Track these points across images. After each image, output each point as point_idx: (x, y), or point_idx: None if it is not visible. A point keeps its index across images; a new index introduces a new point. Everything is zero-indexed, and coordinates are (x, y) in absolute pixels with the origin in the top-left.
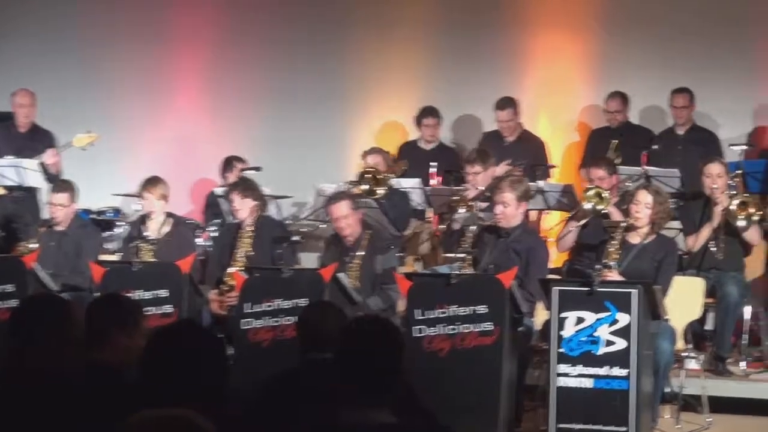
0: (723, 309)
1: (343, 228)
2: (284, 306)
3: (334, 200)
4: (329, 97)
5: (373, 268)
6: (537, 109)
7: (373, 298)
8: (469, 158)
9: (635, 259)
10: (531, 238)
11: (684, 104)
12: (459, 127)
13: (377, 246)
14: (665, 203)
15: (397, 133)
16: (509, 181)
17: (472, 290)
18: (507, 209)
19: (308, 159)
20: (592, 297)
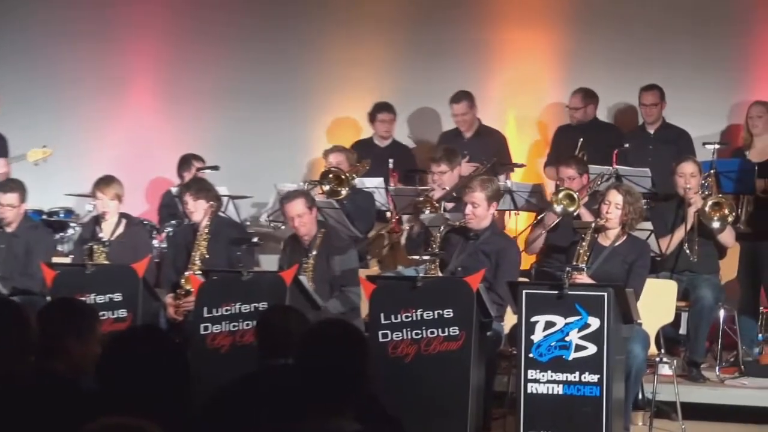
0: (697, 312)
1: (299, 227)
2: (243, 310)
3: (288, 199)
4: (290, 95)
5: (330, 269)
6: (505, 108)
7: (333, 301)
8: (435, 157)
9: (606, 261)
10: (501, 240)
11: (653, 101)
12: (422, 124)
13: (334, 246)
14: (636, 203)
15: (355, 130)
16: (480, 181)
17: (438, 293)
18: (477, 209)
19: (268, 158)
20: (562, 300)
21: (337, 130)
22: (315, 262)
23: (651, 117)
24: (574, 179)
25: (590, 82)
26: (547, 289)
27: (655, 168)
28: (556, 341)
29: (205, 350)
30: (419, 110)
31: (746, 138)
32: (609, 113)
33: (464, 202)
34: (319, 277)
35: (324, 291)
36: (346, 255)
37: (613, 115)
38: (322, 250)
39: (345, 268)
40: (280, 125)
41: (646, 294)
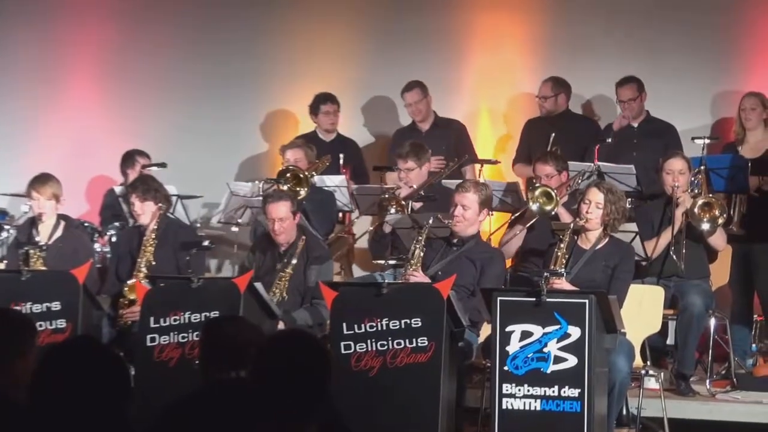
0: (685, 321)
1: (279, 232)
2: (193, 320)
3: (273, 199)
4: (245, 86)
5: (306, 280)
6: (476, 100)
7: (301, 312)
8: (402, 153)
9: (586, 265)
10: (488, 249)
11: (631, 96)
12: (385, 117)
13: (312, 255)
14: (619, 202)
15: (290, 125)
16: (474, 183)
17: (406, 301)
18: (467, 212)
19: (220, 154)
20: (539, 308)
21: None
22: (293, 272)
23: (631, 112)
24: (552, 177)
25: (567, 72)
26: (524, 296)
27: (640, 164)
28: (534, 353)
29: (151, 364)
30: (377, 103)
31: (738, 132)
32: (589, 106)
33: (453, 202)
34: (293, 288)
35: (295, 302)
36: (324, 266)
37: (592, 108)
38: (301, 260)
39: (321, 280)
40: (235, 118)
41: (631, 301)
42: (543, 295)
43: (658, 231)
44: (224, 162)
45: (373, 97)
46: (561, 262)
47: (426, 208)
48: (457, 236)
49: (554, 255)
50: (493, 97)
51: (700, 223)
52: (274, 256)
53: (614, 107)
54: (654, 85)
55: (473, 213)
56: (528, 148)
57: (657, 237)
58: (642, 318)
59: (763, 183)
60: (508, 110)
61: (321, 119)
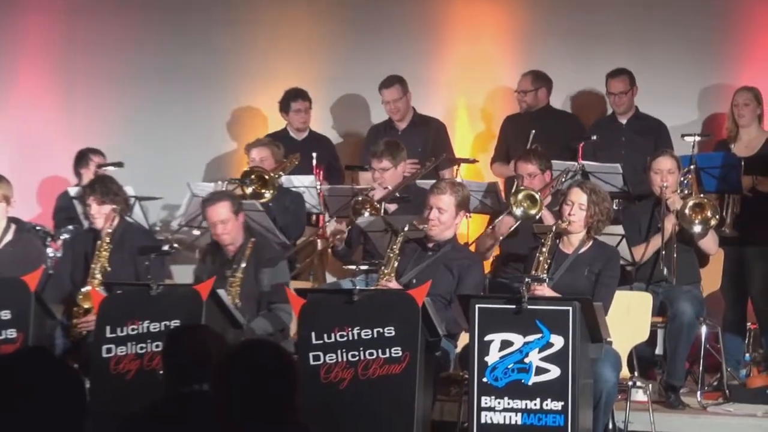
0: (675, 329)
1: (222, 235)
2: (152, 329)
3: (211, 201)
4: (208, 81)
5: (259, 284)
6: (453, 95)
7: (259, 320)
8: (377, 152)
9: (569, 270)
10: (465, 256)
11: (623, 89)
12: (358, 114)
13: (263, 258)
14: (603, 203)
15: (257, 122)
16: (450, 183)
17: (378, 309)
18: (443, 216)
19: (181, 153)
20: (520, 316)
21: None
22: (244, 276)
23: (621, 106)
24: (535, 176)
25: (548, 65)
26: (503, 303)
27: (628, 163)
28: (514, 363)
29: (107, 376)
30: (347, 99)
31: (731, 129)
32: (572, 103)
33: (428, 204)
34: (246, 293)
35: (251, 309)
36: (276, 267)
37: (577, 104)
38: (252, 262)
39: (274, 283)
40: (197, 115)
41: (617, 308)
42: (524, 302)
43: (645, 234)
44: (186, 161)
45: (344, 93)
46: (543, 267)
47: (401, 210)
48: (433, 240)
49: (536, 260)
50: (471, 92)
51: (690, 226)
52: (222, 262)
53: (601, 102)
54: (641, 78)
55: (449, 216)
56: (507, 146)
57: (646, 242)
58: (629, 326)
59: (757, 183)
60: (487, 105)
61: (292, 117)
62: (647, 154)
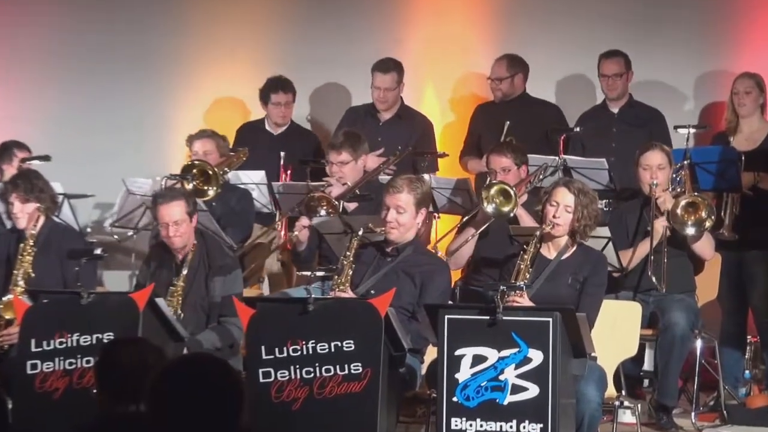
0: (667, 343)
1: (173, 237)
2: (83, 342)
3: (165, 199)
4: (145, 64)
5: (208, 294)
6: (421, 78)
7: (208, 333)
8: (335, 143)
9: (551, 278)
10: (428, 261)
11: (617, 71)
12: (321, 101)
13: (215, 264)
14: (591, 205)
15: (236, 111)
16: (407, 180)
17: (336, 320)
18: (402, 216)
19: (115, 146)
20: (494, 328)
21: (217, 111)
22: (188, 284)
23: (614, 91)
24: (510, 171)
25: (526, 49)
26: (476, 314)
27: (619, 157)
28: (488, 381)
29: (32, 395)
30: (319, 84)
31: (730, 120)
32: (557, 90)
33: (385, 205)
34: (192, 303)
35: (199, 320)
36: (229, 276)
37: (561, 93)
38: (199, 269)
39: (226, 293)
40: (133, 103)
41: (603, 320)
42: (499, 312)
43: (633, 237)
44: (121, 155)
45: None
46: (523, 275)
47: (361, 209)
48: (392, 244)
49: (516, 268)
50: (439, 77)
51: (683, 228)
52: (170, 268)
53: (588, 90)
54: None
55: (409, 216)
56: (478, 139)
57: (633, 246)
58: (616, 339)
59: (759, 180)
60: (457, 93)
61: (271, 110)
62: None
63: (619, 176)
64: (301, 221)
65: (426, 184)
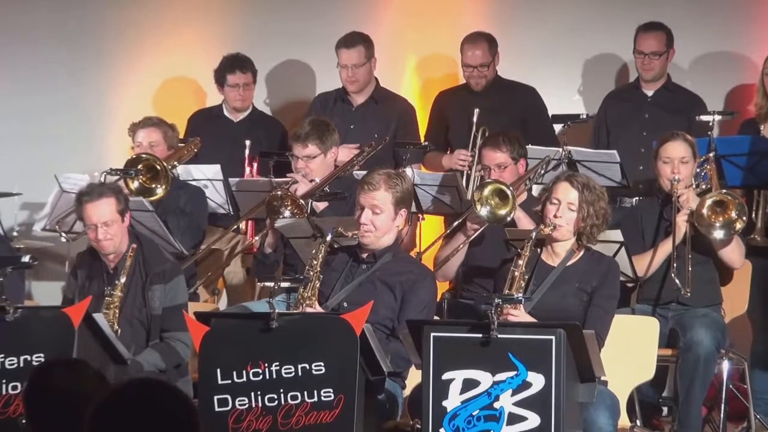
0: (689, 365)
1: (103, 241)
2: (8, 365)
3: (91, 197)
4: (79, 39)
5: (147, 306)
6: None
7: (149, 353)
8: (300, 134)
9: (554, 288)
10: (410, 269)
11: (656, 48)
12: (286, 85)
13: (153, 270)
14: (598, 202)
15: (189, 95)
16: (385, 175)
17: (303, 338)
18: (378, 218)
19: (46, 137)
20: (488, 348)
21: (166, 95)
22: (125, 294)
23: (650, 72)
24: (506, 168)
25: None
26: (467, 331)
27: (649, 148)
28: (481, 409)
29: None
30: (283, 65)
31: (761, 105)
32: (555, 71)
33: (358, 204)
34: (128, 317)
35: (137, 337)
36: (170, 284)
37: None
38: (136, 277)
39: (169, 304)
40: (67, 87)
41: (615, 338)
42: (493, 329)
43: (652, 241)
44: (53, 148)
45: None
46: (519, 285)
47: (333, 209)
48: (367, 250)
49: (510, 275)
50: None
51: (709, 230)
52: (102, 277)
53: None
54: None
55: (387, 217)
56: (444, 130)
57: (652, 250)
58: (630, 361)
59: None
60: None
61: (228, 93)
62: None
63: (650, 170)
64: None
65: (407, 180)
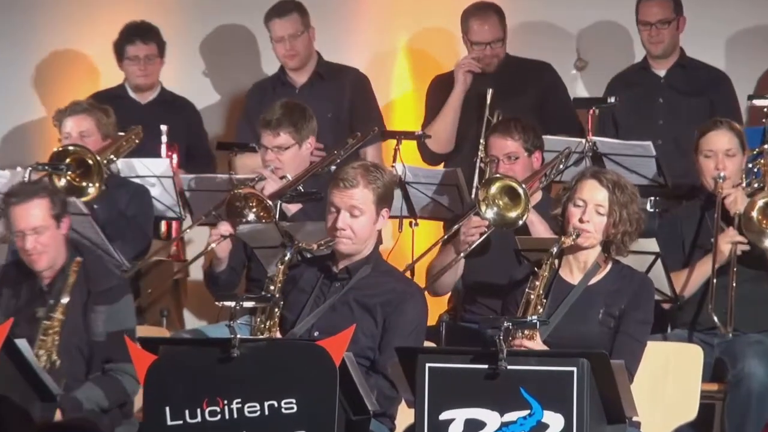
0: (740, 401)
1: (34, 255)
2: None
3: (19, 198)
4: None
5: (87, 331)
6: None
7: (89, 388)
8: (270, 120)
9: (575, 311)
10: (392, 283)
11: (662, 16)
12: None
13: (97, 289)
14: (630, 204)
15: (80, 75)
16: (362, 169)
17: (271, 370)
18: (357, 222)
19: None
20: (496, 382)
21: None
22: (66, 318)
23: (658, 45)
24: (517, 159)
25: None
26: (470, 362)
27: (667, 139)
28: None
29: None
30: (220, 39)
31: None
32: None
33: (332, 206)
34: (65, 344)
35: (74, 368)
36: (118, 305)
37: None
38: (75, 296)
39: (115, 330)
40: None
41: (649, 369)
42: (502, 359)
43: (690, 252)
44: None
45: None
46: (535, 306)
47: (306, 212)
48: (342, 261)
49: (525, 298)
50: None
51: (760, 238)
52: (32, 295)
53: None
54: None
55: (368, 220)
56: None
57: (690, 266)
58: (668, 398)
59: None
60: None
61: (128, 68)
62: (699, 123)
63: (670, 166)
64: (219, 229)
65: (387, 173)
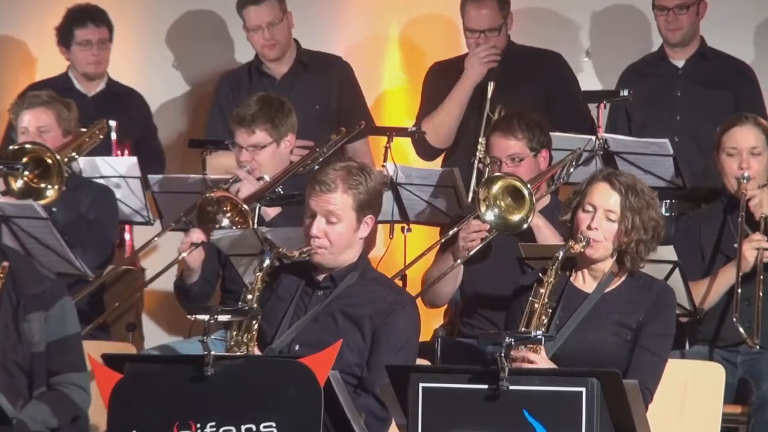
0: (765, 425)
1: None
2: None
3: None
4: None
5: (21, 341)
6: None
7: (34, 407)
8: (245, 116)
9: (586, 324)
10: (381, 292)
11: (682, 1)
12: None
13: (26, 293)
14: (647, 210)
15: (14, 64)
16: (343, 171)
17: (248, 390)
18: (335, 229)
19: None
20: (497, 403)
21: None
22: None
23: (677, 32)
24: (522, 160)
25: None
26: (468, 381)
27: (687, 135)
28: None
29: None
30: (189, 25)
31: None
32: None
33: (309, 210)
34: (2, 360)
35: (15, 387)
36: (54, 310)
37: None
38: (5, 305)
39: (55, 338)
40: None
41: (667, 390)
42: (504, 378)
43: (711, 260)
44: None
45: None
46: (540, 322)
47: (286, 216)
48: (324, 270)
49: (528, 309)
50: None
51: None
52: None
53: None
54: None
55: (346, 228)
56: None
57: (711, 275)
58: (686, 420)
59: None
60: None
61: (75, 54)
62: (720, 119)
63: (689, 166)
64: (190, 236)
65: (373, 176)
